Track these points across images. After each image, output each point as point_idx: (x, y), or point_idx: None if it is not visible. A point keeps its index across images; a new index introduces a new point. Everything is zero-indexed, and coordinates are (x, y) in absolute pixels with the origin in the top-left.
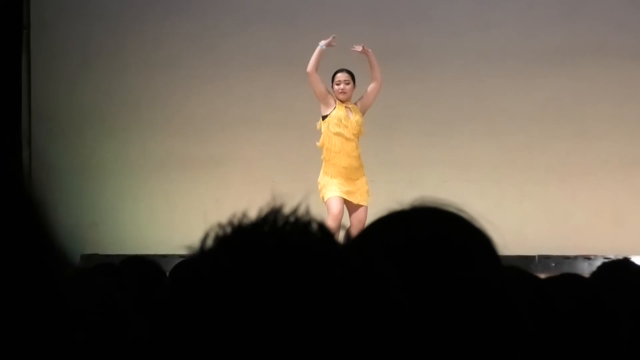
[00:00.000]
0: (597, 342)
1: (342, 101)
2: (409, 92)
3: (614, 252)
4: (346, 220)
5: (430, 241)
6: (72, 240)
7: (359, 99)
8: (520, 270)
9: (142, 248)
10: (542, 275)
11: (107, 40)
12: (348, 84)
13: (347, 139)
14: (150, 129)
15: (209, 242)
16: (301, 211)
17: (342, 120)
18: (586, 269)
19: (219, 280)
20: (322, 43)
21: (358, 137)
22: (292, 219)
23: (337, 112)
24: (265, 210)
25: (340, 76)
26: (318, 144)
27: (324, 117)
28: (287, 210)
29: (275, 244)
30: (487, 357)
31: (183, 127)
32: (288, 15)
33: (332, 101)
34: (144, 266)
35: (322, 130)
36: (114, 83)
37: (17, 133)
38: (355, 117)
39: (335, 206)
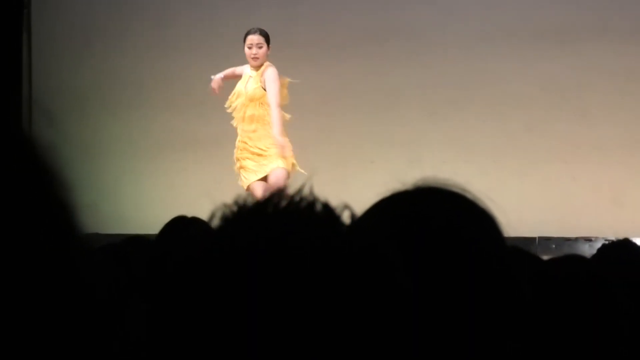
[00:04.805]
0: (599, 322)
1: (254, 67)
2: (408, 72)
3: (615, 234)
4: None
5: (435, 221)
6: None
7: (264, 79)
8: (523, 251)
9: (144, 227)
10: (544, 257)
11: (109, 19)
12: (261, 47)
13: (242, 114)
14: (152, 109)
15: (215, 222)
16: (305, 192)
17: (235, 96)
18: (587, 251)
19: (222, 261)
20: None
21: (260, 105)
22: (296, 199)
23: (237, 86)
24: (269, 192)
25: (252, 39)
26: None
27: None
28: (291, 190)
29: (279, 225)
30: (490, 337)
31: (185, 107)
32: None
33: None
34: (145, 246)
35: None
36: (115, 63)
37: (18, 113)
38: (252, 86)
39: (258, 194)
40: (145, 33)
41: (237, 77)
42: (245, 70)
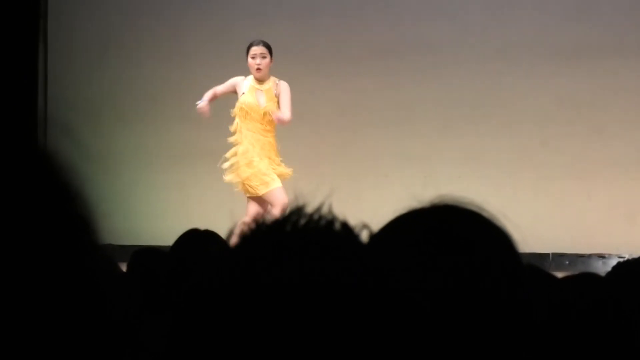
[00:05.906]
0: (613, 341)
1: (257, 79)
2: (424, 87)
3: (629, 251)
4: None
5: (452, 240)
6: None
7: (279, 92)
8: (537, 269)
9: (156, 239)
10: (558, 274)
11: (125, 31)
12: (264, 57)
13: (252, 126)
14: (167, 121)
15: (234, 240)
16: (324, 210)
17: (248, 110)
18: (600, 268)
19: (239, 280)
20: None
21: (269, 122)
22: (315, 217)
23: (245, 97)
24: (288, 209)
25: (256, 49)
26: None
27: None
28: (310, 208)
29: (297, 244)
30: (504, 355)
31: (199, 119)
32: (305, 9)
33: (241, 87)
34: (155, 258)
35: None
36: (130, 74)
37: (33, 123)
38: (266, 104)
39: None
40: (161, 45)
41: (223, 95)
42: (245, 83)
